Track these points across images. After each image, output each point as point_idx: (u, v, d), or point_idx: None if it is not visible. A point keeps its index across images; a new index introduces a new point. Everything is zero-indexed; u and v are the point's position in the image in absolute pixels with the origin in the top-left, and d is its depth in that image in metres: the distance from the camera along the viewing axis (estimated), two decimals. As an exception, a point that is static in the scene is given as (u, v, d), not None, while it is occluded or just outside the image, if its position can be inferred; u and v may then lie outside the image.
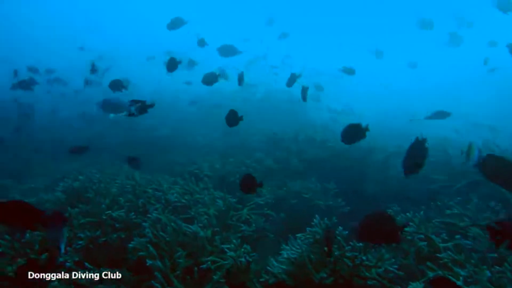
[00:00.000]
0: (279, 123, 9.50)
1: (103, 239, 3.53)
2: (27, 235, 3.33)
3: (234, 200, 5.05)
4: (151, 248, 3.18)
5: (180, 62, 5.12)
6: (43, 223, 2.44)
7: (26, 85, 7.19)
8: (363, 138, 3.79)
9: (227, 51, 7.59)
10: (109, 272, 3.18)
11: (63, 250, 2.71)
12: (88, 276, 3.13)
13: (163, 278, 2.99)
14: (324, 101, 12.15)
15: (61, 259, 3.22)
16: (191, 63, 7.75)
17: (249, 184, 3.79)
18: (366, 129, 3.76)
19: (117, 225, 3.66)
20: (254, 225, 4.34)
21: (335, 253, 3.12)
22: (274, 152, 7.20)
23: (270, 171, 6.42)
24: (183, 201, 4.42)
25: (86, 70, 6.52)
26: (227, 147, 8.08)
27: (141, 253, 3.23)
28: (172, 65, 5.08)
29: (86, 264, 3.19)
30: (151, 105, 4.01)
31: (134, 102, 3.94)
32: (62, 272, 3.18)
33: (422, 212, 3.95)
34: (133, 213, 3.82)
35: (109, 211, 3.81)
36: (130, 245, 3.31)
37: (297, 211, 5.56)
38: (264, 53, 15.35)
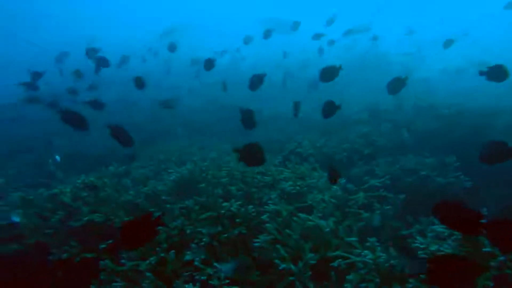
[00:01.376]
0: (378, 91, 8.72)
1: (225, 235, 3.37)
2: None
3: (344, 181, 4.66)
4: (281, 251, 2.93)
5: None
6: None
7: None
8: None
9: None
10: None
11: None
12: (217, 276, 2.99)
13: (299, 283, 2.75)
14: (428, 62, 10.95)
15: (188, 257, 3.12)
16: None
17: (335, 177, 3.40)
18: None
19: (237, 220, 3.47)
20: (378, 213, 3.91)
21: None
22: (379, 125, 6.57)
23: (377, 147, 5.86)
24: (297, 187, 4.11)
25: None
26: (326, 121, 7.55)
27: (272, 255, 3.00)
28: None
29: (215, 264, 3.05)
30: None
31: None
32: (192, 270, 3.10)
33: None
34: (251, 206, 3.60)
35: (226, 204, 3.63)
36: (256, 244, 3.09)
37: (416, 192, 4.99)
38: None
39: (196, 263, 3.09)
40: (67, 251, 3.58)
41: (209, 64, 5.32)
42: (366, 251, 3.00)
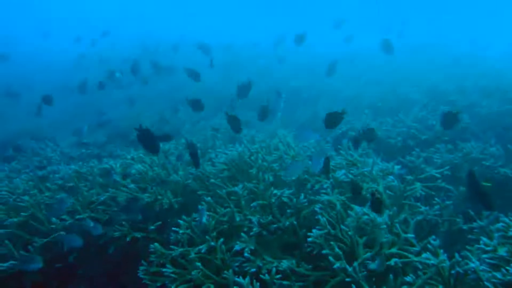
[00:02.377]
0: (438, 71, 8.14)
1: (275, 226, 3.25)
2: (204, 220, 3.21)
3: (398, 167, 4.36)
4: (336, 249, 2.77)
5: None
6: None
7: None
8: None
9: None
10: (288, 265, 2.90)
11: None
12: (267, 268, 2.90)
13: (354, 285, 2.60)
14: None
15: (237, 247, 3.04)
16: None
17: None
18: None
19: (288, 210, 3.33)
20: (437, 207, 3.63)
21: None
22: (437, 107, 6.12)
23: (436, 132, 5.46)
24: (350, 176, 3.89)
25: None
26: (377, 99, 7.17)
27: (324, 251, 2.85)
28: None
29: (265, 257, 2.96)
30: None
31: None
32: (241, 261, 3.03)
33: None
34: (303, 195, 3.44)
35: (276, 191, 3.49)
36: (310, 239, 2.95)
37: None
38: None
39: (246, 254, 3.01)
40: (118, 229, 3.62)
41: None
42: (426, 254, 2.78)
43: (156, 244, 3.22)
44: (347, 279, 2.63)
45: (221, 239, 3.12)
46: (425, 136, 5.33)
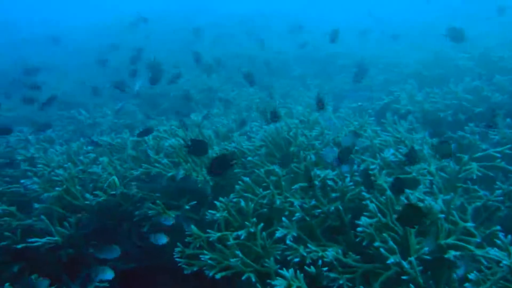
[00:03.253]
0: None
1: (319, 210, 3.01)
2: (242, 204, 3.01)
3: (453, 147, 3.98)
4: (390, 242, 2.51)
5: None
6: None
7: None
8: None
9: None
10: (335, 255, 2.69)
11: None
12: (312, 258, 2.70)
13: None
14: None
15: (278, 234, 2.84)
16: None
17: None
18: None
19: (333, 195, 3.08)
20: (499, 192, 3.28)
21: None
22: (492, 76, 5.56)
23: (492, 104, 4.97)
24: (399, 155, 3.57)
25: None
26: (421, 66, 6.60)
27: (376, 243, 2.60)
28: None
29: (310, 246, 2.74)
30: None
31: None
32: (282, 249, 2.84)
33: None
34: (348, 177, 3.17)
35: (319, 172, 3.23)
36: (359, 228, 2.70)
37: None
38: None
39: (288, 241, 2.80)
40: (152, 208, 3.48)
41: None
42: (494, 251, 2.49)
43: (192, 226, 3.07)
44: (404, 277, 2.39)
45: (261, 224, 2.93)
46: (479, 108, 4.86)
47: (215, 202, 3.25)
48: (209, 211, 3.14)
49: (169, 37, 11.41)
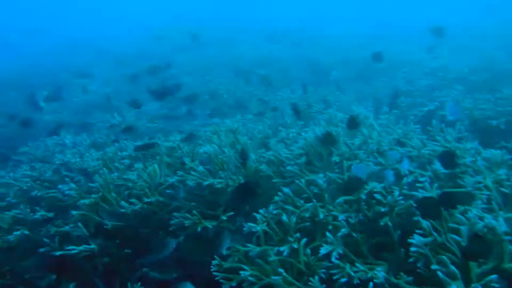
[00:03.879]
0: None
1: (366, 225, 2.82)
2: (284, 218, 2.86)
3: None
4: (451, 266, 2.29)
5: None
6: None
7: None
8: None
9: None
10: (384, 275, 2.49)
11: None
12: (359, 278, 2.51)
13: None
14: None
15: (325, 251, 2.66)
16: None
17: None
18: None
19: (382, 209, 2.87)
20: None
21: None
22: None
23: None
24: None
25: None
26: (468, 69, 6.20)
27: (433, 266, 2.38)
28: None
29: (358, 264, 2.55)
30: None
31: None
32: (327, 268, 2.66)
33: None
34: (397, 191, 2.95)
35: (369, 187, 3.03)
36: (413, 248, 2.49)
37: None
38: None
39: (333, 259, 2.62)
40: (188, 218, 3.38)
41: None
42: None
43: (230, 239, 2.94)
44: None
45: (304, 239, 2.76)
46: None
47: (254, 214, 3.11)
48: (249, 224, 2.99)
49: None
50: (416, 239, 2.51)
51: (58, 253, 3.17)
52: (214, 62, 9.07)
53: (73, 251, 3.21)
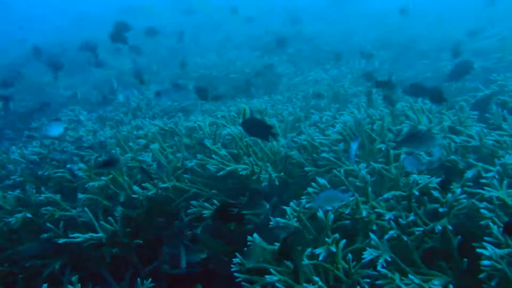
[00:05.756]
0: None
1: (420, 229, 2.33)
2: (320, 214, 2.40)
3: None
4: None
5: None
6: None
7: None
8: None
9: None
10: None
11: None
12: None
13: None
14: None
15: (369, 256, 2.19)
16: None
17: None
18: None
19: (440, 209, 2.37)
20: None
21: None
22: None
23: None
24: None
25: None
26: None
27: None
28: None
29: (411, 276, 2.08)
30: None
31: None
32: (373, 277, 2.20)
33: None
34: (459, 188, 2.44)
35: (417, 178, 2.53)
36: (486, 262, 1.99)
37: None
38: None
39: (379, 267, 2.16)
40: (207, 208, 2.97)
41: None
42: None
43: (255, 235, 2.51)
44: None
45: (343, 241, 2.30)
46: None
47: (284, 207, 2.67)
48: (277, 218, 2.56)
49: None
50: (490, 250, 2.00)
51: (61, 240, 2.82)
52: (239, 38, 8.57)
53: (78, 239, 2.86)
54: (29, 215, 3.06)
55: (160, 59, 8.55)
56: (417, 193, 2.42)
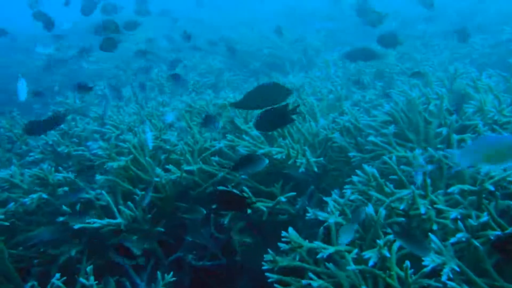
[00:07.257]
0: None
1: (497, 232, 1.90)
2: (369, 210, 2.01)
3: None
4: None
5: None
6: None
7: None
8: None
9: None
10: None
11: None
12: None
13: None
14: None
15: (431, 264, 1.80)
16: None
17: None
18: None
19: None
20: None
21: None
22: None
23: None
24: None
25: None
26: None
27: None
28: None
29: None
30: None
31: None
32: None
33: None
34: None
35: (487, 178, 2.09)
36: None
37: None
38: None
39: (445, 278, 1.76)
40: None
41: None
42: None
43: (290, 229, 2.16)
44: None
45: (397, 244, 1.92)
46: None
47: (325, 198, 2.31)
48: (317, 211, 2.20)
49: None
50: None
51: (77, 226, 2.57)
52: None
53: (94, 225, 2.61)
54: (45, 196, 2.83)
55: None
56: (492, 188, 1.99)
